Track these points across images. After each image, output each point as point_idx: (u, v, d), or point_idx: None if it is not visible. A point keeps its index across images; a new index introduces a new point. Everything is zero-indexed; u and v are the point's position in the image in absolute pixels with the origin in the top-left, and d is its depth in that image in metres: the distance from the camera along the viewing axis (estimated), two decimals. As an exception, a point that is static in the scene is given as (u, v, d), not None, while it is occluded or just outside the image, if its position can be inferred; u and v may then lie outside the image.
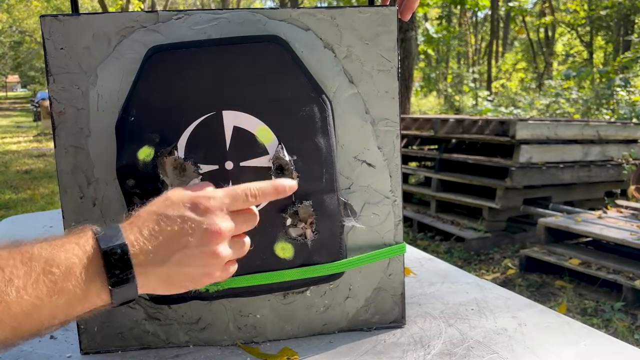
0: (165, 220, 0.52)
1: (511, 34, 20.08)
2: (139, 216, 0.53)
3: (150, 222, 0.52)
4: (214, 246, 0.54)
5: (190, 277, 0.54)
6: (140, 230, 0.51)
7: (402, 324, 0.79)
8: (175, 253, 0.52)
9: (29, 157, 9.07)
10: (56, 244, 0.48)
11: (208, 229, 0.53)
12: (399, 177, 0.76)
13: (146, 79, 0.66)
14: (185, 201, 0.54)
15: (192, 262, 0.53)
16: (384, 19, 0.72)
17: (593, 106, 8.85)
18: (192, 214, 0.53)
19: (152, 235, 0.51)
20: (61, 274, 0.46)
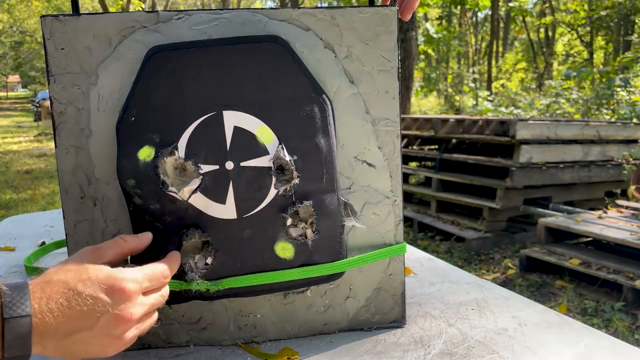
0: (76, 298, 0.50)
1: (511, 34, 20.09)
2: (49, 283, 0.51)
3: (60, 294, 0.50)
4: (120, 331, 0.53)
5: (86, 352, 0.53)
6: (47, 301, 0.49)
7: (402, 324, 0.79)
8: (78, 332, 0.51)
9: (29, 157, 9.07)
10: None
11: (118, 315, 0.52)
12: (399, 177, 0.76)
13: (147, 79, 0.67)
14: (102, 281, 0.52)
15: (93, 342, 0.52)
16: (384, 19, 0.72)
17: (593, 106, 8.85)
18: (105, 297, 0.52)
19: (59, 309, 0.49)
20: None
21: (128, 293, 0.53)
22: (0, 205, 5.54)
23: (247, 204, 0.67)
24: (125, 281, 0.53)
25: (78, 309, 0.50)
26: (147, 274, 0.57)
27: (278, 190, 0.67)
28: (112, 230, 0.72)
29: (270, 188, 0.67)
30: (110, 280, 0.53)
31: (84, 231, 0.72)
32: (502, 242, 4.10)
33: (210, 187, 0.66)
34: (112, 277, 0.53)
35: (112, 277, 0.53)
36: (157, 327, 0.74)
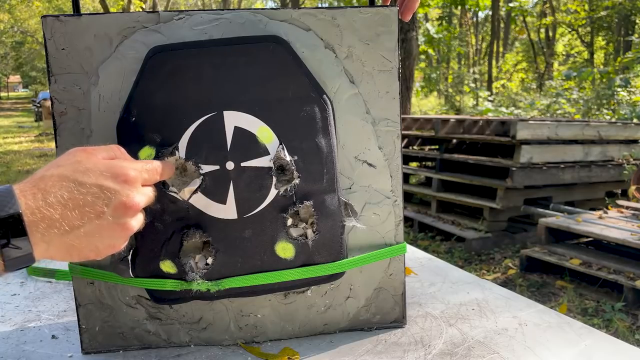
0: (78, 189, 0.49)
1: (512, 34, 20.08)
2: (42, 178, 0.49)
3: (59, 188, 0.48)
4: (128, 219, 0.52)
5: (95, 248, 0.51)
6: (44, 196, 0.47)
7: (402, 324, 0.79)
8: (86, 223, 0.49)
9: (30, 157, 9.07)
10: None
11: (126, 201, 0.51)
12: (399, 177, 0.76)
13: (147, 79, 0.67)
14: (103, 169, 0.51)
15: (103, 233, 0.50)
16: (385, 19, 0.72)
17: (594, 106, 8.85)
18: (111, 184, 0.50)
19: (60, 202, 0.48)
20: None
21: (132, 179, 0.52)
22: (1, 206, 5.53)
23: (247, 204, 0.67)
24: (128, 168, 0.53)
25: (82, 199, 0.49)
26: (146, 166, 0.56)
27: (278, 190, 0.67)
28: (113, 230, 0.72)
29: (271, 188, 0.67)
30: (112, 169, 0.52)
31: (85, 231, 0.72)
32: (503, 242, 4.10)
33: (210, 187, 0.66)
34: (114, 165, 0.52)
35: (113, 165, 0.52)
36: (158, 326, 0.74)
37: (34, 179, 0.49)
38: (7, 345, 0.76)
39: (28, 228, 0.46)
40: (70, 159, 0.52)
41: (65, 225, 0.48)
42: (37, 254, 0.47)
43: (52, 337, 0.79)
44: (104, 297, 0.73)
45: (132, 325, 0.74)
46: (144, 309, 0.74)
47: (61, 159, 0.53)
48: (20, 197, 0.46)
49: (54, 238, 0.48)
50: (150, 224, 0.67)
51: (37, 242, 0.47)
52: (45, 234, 0.47)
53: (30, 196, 0.47)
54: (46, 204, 0.47)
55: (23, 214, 0.46)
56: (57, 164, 0.51)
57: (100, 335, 0.74)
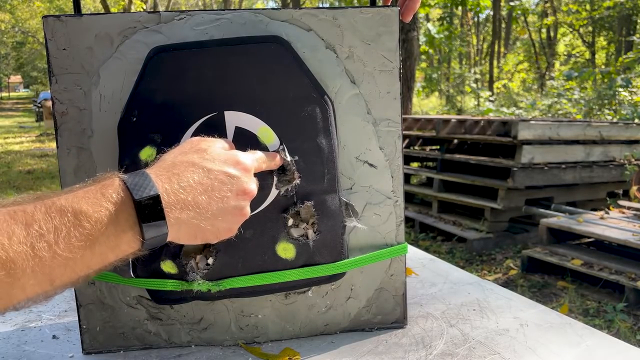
0: (207, 173, 0.53)
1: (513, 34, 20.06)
2: (173, 164, 0.53)
3: (189, 172, 0.52)
4: (246, 204, 0.56)
5: (217, 231, 0.55)
6: (178, 180, 0.51)
7: (403, 325, 0.79)
8: (213, 207, 0.52)
9: (31, 158, 9.08)
10: (83, 195, 0.46)
11: (246, 188, 0.56)
12: (400, 178, 0.76)
13: (148, 79, 0.67)
14: (226, 158, 0.56)
15: (226, 217, 0.54)
16: (386, 20, 0.72)
17: (595, 107, 8.84)
18: (234, 171, 0.55)
19: (191, 186, 0.51)
20: (91, 227, 0.45)
21: (249, 168, 0.57)
22: (2, 206, 5.54)
23: (248, 205, 0.67)
24: (245, 158, 0.57)
25: (210, 183, 0.53)
26: (256, 156, 0.60)
27: (279, 190, 0.67)
28: (114, 230, 0.72)
29: (272, 188, 0.67)
30: (233, 157, 0.56)
31: (86, 231, 0.72)
32: (504, 243, 4.09)
33: (211, 187, 0.66)
34: (234, 155, 0.57)
35: (232, 155, 0.57)
36: (159, 326, 0.74)
37: (166, 165, 0.53)
38: (8, 346, 0.76)
39: (165, 209, 0.48)
40: (195, 146, 0.56)
41: (196, 208, 0.51)
42: (170, 235, 0.50)
43: (53, 337, 0.79)
44: (105, 297, 0.73)
45: (133, 326, 0.74)
46: (145, 309, 0.74)
47: (184, 147, 0.57)
48: (156, 181, 0.49)
49: (185, 220, 0.51)
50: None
51: (171, 223, 0.49)
52: (179, 215, 0.50)
53: (166, 180, 0.50)
54: (180, 187, 0.51)
55: (161, 195, 0.48)
56: (183, 151, 0.55)
57: (101, 335, 0.74)
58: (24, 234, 0.42)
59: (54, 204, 0.45)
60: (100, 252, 0.46)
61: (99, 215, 0.45)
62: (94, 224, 0.45)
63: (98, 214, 0.45)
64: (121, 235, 0.47)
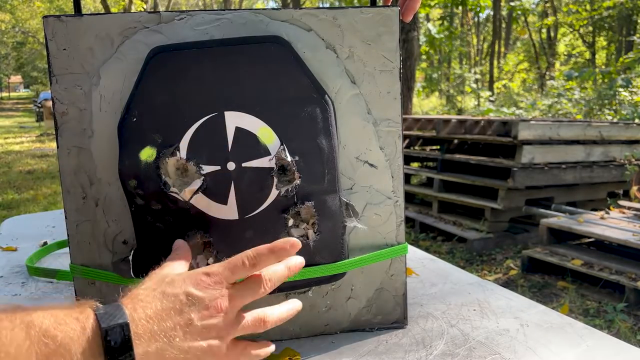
0: (169, 297, 0.51)
1: (513, 35, 20.06)
2: (137, 296, 0.51)
3: (153, 300, 0.50)
4: (217, 321, 0.52)
5: (196, 358, 0.51)
6: (144, 309, 0.49)
7: (404, 325, 0.79)
8: (178, 330, 0.50)
9: (31, 158, 9.09)
10: (56, 314, 0.45)
11: (209, 304, 0.52)
12: (401, 178, 0.76)
13: (148, 79, 0.67)
14: (185, 278, 0.53)
15: (195, 339, 0.50)
16: (386, 20, 0.72)
17: (595, 107, 8.84)
18: (194, 290, 0.52)
19: (156, 314, 0.49)
20: (55, 348, 0.43)
21: (208, 282, 0.53)
22: (3, 206, 5.55)
23: (248, 205, 0.67)
24: (203, 273, 0.54)
25: (171, 307, 0.50)
26: (225, 263, 0.55)
27: (280, 190, 0.67)
28: (114, 230, 0.72)
29: (272, 189, 0.67)
30: (193, 275, 0.53)
31: (86, 231, 0.72)
32: (504, 243, 4.10)
33: (211, 187, 0.66)
34: (195, 273, 0.54)
35: (193, 273, 0.54)
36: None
37: (130, 296, 0.51)
38: (8, 346, 0.76)
39: (134, 340, 0.46)
40: (159, 275, 0.55)
41: (163, 337, 0.49)
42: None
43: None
44: (106, 298, 0.73)
45: (133, 326, 0.74)
46: (145, 309, 0.74)
47: (152, 276, 0.55)
48: (125, 309, 0.48)
49: (153, 352, 0.48)
50: (152, 224, 0.67)
51: (139, 356, 0.47)
52: (145, 347, 0.47)
53: (131, 309, 0.48)
54: (145, 315, 0.49)
55: (131, 323, 0.47)
56: (148, 281, 0.54)
57: (102, 335, 0.74)
58: None
59: (27, 315, 0.44)
60: None
61: (64, 338, 0.44)
62: (58, 346, 0.43)
63: (64, 336, 0.44)
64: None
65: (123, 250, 0.72)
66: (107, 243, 0.72)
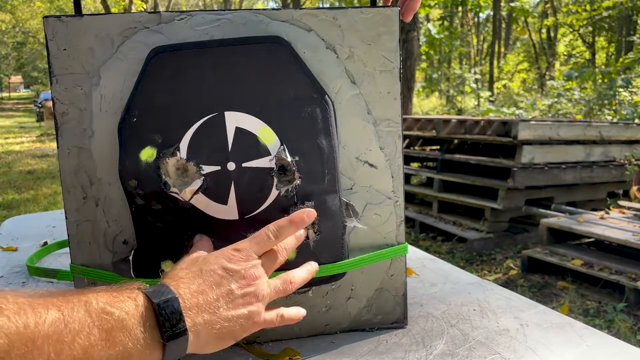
0: (208, 273, 0.55)
1: (513, 35, 20.06)
2: (177, 275, 0.55)
3: (194, 277, 0.55)
4: (254, 288, 0.57)
5: (239, 325, 0.55)
6: (187, 285, 0.53)
7: (404, 325, 0.79)
8: (221, 301, 0.54)
9: (32, 158, 9.09)
10: (109, 294, 0.49)
11: (245, 274, 0.57)
12: (401, 178, 0.76)
13: (149, 79, 0.67)
14: (218, 255, 0.58)
15: (237, 306, 0.55)
16: (386, 20, 0.72)
17: (595, 107, 8.84)
18: (229, 264, 0.57)
19: (200, 289, 0.53)
20: (114, 323, 0.46)
21: (243, 258, 0.58)
22: (3, 206, 5.55)
23: (248, 205, 0.67)
24: (236, 250, 0.59)
25: (212, 280, 0.55)
26: (251, 239, 0.60)
27: (280, 191, 0.67)
28: (114, 230, 0.72)
29: (272, 189, 0.67)
30: (225, 252, 0.58)
31: (86, 231, 0.72)
32: (504, 243, 4.10)
33: (211, 187, 0.66)
34: (225, 250, 0.59)
35: (225, 250, 0.59)
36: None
37: (170, 276, 0.55)
38: (9, 346, 0.76)
39: (183, 312, 0.51)
40: (192, 257, 0.59)
41: (208, 307, 0.53)
42: (190, 342, 0.51)
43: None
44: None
45: (134, 326, 0.74)
46: (145, 309, 0.74)
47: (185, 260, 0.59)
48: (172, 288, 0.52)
49: (201, 322, 0.52)
50: (152, 224, 0.67)
51: (189, 328, 0.51)
52: (194, 319, 0.52)
53: (177, 286, 0.53)
54: (190, 290, 0.53)
55: (179, 298, 0.51)
56: (183, 264, 0.58)
57: (102, 335, 0.74)
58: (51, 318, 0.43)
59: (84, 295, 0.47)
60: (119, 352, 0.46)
61: (121, 315, 0.47)
62: (116, 323, 0.46)
63: (120, 313, 0.47)
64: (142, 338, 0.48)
65: (123, 250, 0.72)
66: (107, 243, 0.72)
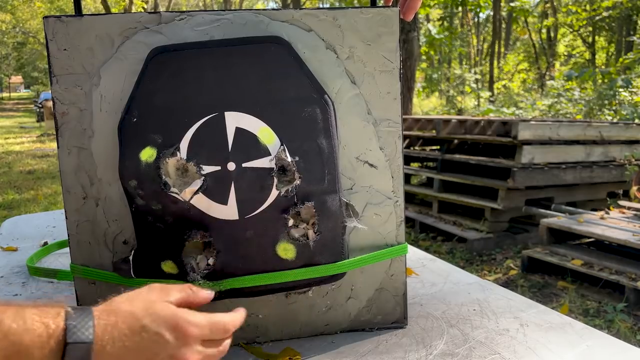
0: (140, 330, 0.50)
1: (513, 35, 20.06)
2: (116, 312, 0.51)
3: (125, 323, 0.50)
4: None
5: None
6: (112, 329, 0.49)
7: (404, 325, 0.79)
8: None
9: (32, 158, 9.09)
10: (27, 317, 0.46)
11: (175, 356, 0.51)
12: (400, 178, 0.76)
13: (149, 80, 0.67)
14: (168, 318, 0.52)
15: None
16: (386, 20, 0.72)
17: (595, 107, 8.84)
18: (168, 335, 0.51)
19: (121, 340, 0.49)
20: (19, 350, 0.45)
21: (189, 336, 0.52)
22: (3, 206, 5.55)
23: (248, 205, 0.67)
24: (190, 324, 0.52)
25: (139, 341, 0.50)
26: (211, 323, 0.55)
27: (280, 191, 0.67)
28: (114, 230, 0.72)
29: (272, 189, 0.67)
30: (175, 319, 0.52)
31: (86, 231, 0.72)
32: (504, 243, 4.09)
33: (212, 188, 0.66)
34: (178, 317, 0.52)
35: (177, 316, 0.52)
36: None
37: (110, 309, 0.51)
38: (9, 346, 0.76)
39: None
40: (146, 298, 0.53)
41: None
42: None
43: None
44: (106, 298, 0.73)
45: (134, 326, 0.74)
46: (146, 309, 0.74)
47: (139, 292, 0.54)
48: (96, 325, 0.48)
49: None
50: (152, 224, 0.67)
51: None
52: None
53: (101, 327, 0.49)
54: (110, 338, 0.49)
55: (95, 344, 0.47)
56: (134, 298, 0.53)
57: (102, 335, 0.74)
58: None
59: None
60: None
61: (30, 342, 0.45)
62: (22, 349, 0.45)
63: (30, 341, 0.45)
64: None
65: (123, 250, 0.72)
66: (107, 243, 0.72)
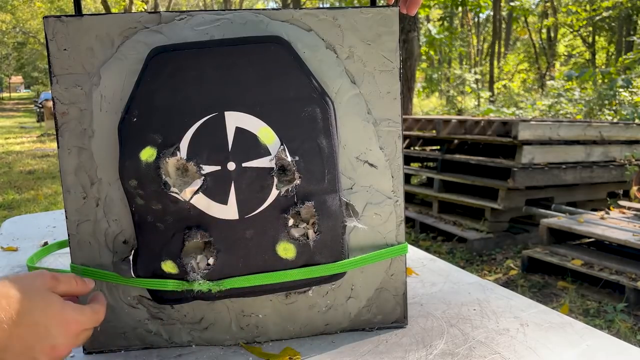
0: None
1: (513, 35, 20.06)
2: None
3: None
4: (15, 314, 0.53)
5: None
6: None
7: (404, 324, 0.79)
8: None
9: (32, 158, 9.09)
10: None
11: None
12: (401, 178, 0.76)
13: (149, 79, 0.67)
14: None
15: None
16: (386, 20, 0.72)
17: (595, 107, 8.84)
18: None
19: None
20: None
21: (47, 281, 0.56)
22: (3, 206, 5.55)
23: (248, 205, 0.67)
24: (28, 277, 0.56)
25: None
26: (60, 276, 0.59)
27: (280, 190, 0.67)
28: (115, 230, 0.72)
29: (272, 189, 0.67)
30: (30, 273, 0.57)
31: (87, 231, 0.72)
32: (504, 243, 4.10)
33: (212, 187, 0.66)
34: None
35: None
36: (159, 326, 0.74)
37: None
38: (9, 345, 0.76)
39: None
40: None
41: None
42: None
43: (53, 337, 0.79)
44: (106, 297, 0.73)
45: (134, 325, 0.74)
46: (146, 309, 0.74)
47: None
48: None
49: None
50: (152, 224, 0.67)
51: None
52: None
53: None
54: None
55: None
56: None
57: (102, 335, 0.74)
58: None
59: None
60: None
61: None
62: None
63: None
64: None
65: (123, 250, 0.72)
66: (107, 243, 0.72)
